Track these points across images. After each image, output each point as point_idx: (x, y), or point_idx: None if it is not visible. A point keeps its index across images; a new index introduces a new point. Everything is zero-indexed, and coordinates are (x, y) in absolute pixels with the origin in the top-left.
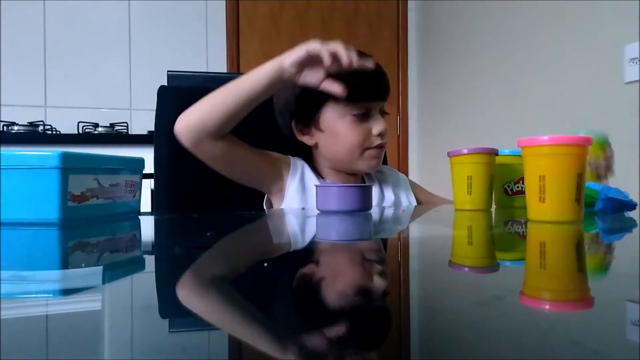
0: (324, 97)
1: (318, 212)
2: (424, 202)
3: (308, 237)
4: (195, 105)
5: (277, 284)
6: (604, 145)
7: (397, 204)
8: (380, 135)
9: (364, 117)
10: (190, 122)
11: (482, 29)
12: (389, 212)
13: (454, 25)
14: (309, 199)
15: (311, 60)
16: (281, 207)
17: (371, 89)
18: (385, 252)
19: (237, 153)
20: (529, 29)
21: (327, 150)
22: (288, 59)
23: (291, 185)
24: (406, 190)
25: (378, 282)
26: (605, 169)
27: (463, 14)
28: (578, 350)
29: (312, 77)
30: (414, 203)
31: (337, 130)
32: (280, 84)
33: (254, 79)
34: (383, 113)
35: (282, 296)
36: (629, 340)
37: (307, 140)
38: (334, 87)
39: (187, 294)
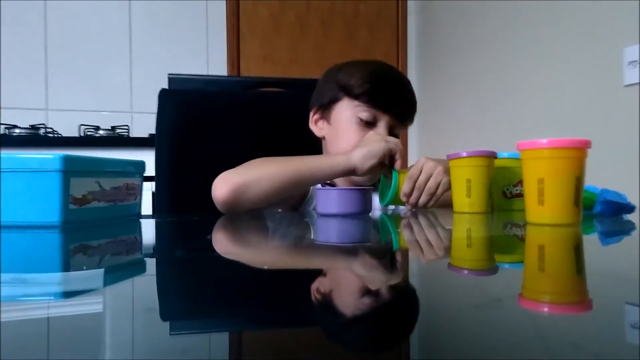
0: (347, 93)
1: (319, 214)
2: None
3: (306, 240)
4: (248, 178)
5: (277, 288)
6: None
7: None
8: None
9: (369, 124)
10: (241, 198)
11: (481, 32)
12: (388, 215)
13: (453, 28)
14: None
15: (382, 159)
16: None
17: (384, 98)
18: (384, 254)
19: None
20: (529, 32)
21: (330, 146)
22: (359, 159)
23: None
24: None
25: (376, 285)
26: None
27: (463, 16)
28: (578, 353)
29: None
30: None
31: (342, 127)
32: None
33: (321, 172)
34: (396, 135)
35: (283, 299)
36: (628, 343)
37: (316, 130)
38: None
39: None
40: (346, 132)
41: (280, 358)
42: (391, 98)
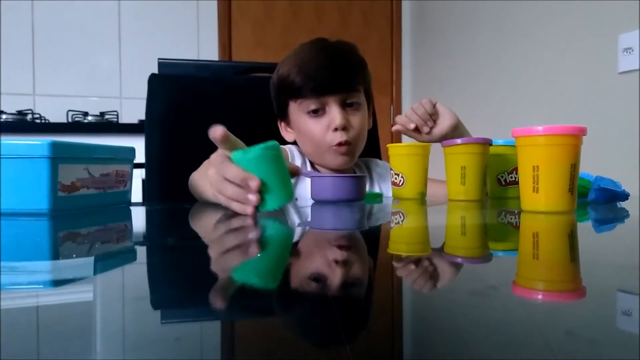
0: (287, 96)
1: (312, 201)
2: None
3: (301, 226)
4: (191, 188)
5: (269, 275)
6: None
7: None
8: (338, 129)
9: (320, 112)
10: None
11: (476, 18)
12: (382, 203)
13: (448, 14)
14: (301, 191)
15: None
16: None
17: (320, 84)
18: (379, 241)
19: None
20: (523, 19)
21: (302, 146)
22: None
23: None
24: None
25: (370, 272)
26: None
27: (457, 2)
28: (571, 339)
29: None
30: None
31: (300, 127)
32: None
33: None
34: (351, 104)
35: (275, 287)
36: (621, 330)
37: (287, 137)
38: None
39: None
40: (306, 129)
41: (272, 345)
42: (328, 80)
